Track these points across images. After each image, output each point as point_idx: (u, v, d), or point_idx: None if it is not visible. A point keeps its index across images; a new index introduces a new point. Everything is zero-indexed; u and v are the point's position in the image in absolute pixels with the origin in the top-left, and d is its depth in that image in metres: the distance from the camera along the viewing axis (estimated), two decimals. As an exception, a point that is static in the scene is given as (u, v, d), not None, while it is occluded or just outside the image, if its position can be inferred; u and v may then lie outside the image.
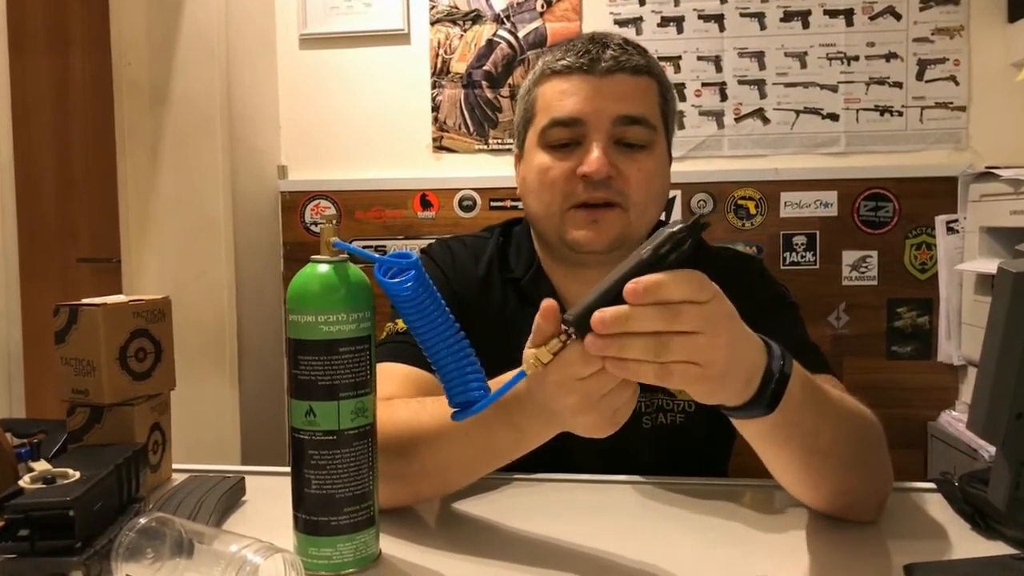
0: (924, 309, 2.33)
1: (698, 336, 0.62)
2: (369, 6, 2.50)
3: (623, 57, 0.98)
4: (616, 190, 0.97)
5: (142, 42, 2.18)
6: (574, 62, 0.99)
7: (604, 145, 0.96)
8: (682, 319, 0.62)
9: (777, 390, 0.68)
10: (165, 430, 0.99)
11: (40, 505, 0.70)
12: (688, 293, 0.62)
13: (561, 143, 0.99)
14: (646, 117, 0.98)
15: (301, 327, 0.70)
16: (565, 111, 0.98)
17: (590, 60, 0.98)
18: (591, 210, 0.98)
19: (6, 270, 2.07)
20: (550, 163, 1.00)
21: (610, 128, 0.97)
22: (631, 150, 0.98)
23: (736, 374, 0.66)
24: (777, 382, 0.68)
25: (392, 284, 0.68)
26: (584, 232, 0.98)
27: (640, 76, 1.00)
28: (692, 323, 0.62)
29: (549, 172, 1.00)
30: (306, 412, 0.70)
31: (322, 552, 0.71)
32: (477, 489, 0.92)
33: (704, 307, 0.62)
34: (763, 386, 0.68)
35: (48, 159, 2.81)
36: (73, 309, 0.91)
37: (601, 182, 0.96)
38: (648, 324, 0.61)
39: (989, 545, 0.78)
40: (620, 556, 0.77)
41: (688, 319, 0.62)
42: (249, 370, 2.31)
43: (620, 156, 0.98)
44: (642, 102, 0.99)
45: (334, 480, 0.71)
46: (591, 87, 0.98)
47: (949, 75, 2.30)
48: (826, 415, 0.76)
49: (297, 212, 2.58)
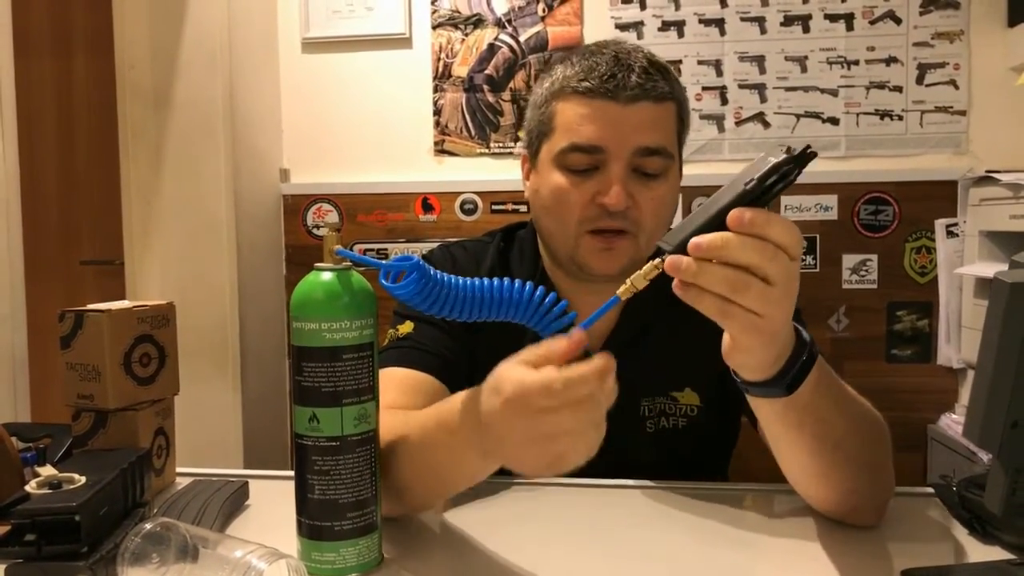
0: (924, 312, 2.34)
1: (774, 288, 0.63)
2: (371, 10, 2.51)
3: (648, 84, 0.97)
4: (631, 220, 0.98)
5: (145, 46, 2.19)
6: (598, 86, 0.97)
7: (624, 176, 0.97)
8: (776, 263, 0.62)
9: (800, 373, 0.70)
10: (169, 434, 1.00)
11: (46, 510, 0.71)
12: (788, 241, 0.63)
13: (580, 168, 0.99)
14: (665, 147, 0.99)
15: (305, 334, 0.71)
16: (585, 137, 0.97)
17: (615, 86, 0.96)
18: (606, 238, 0.99)
19: (11, 273, 2.07)
20: (568, 187, 0.99)
21: (630, 158, 0.97)
22: (647, 179, 0.99)
23: (781, 340, 0.68)
24: (803, 364, 0.70)
25: (397, 288, 0.70)
26: (599, 259, 1.00)
27: (663, 103, 0.99)
28: (779, 272, 0.63)
29: (567, 195, 0.99)
30: (309, 418, 0.71)
31: (325, 557, 0.72)
32: (478, 494, 0.92)
33: (793, 263, 0.64)
34: (788, 365, 0.70)
35: (51, 162, 2.82)
36: (78, 315, 0.92)
37: (618, 212, 0.97)
38: (744, 256, 0.62)
39: (987, 550, 0.79)
40: (621, 560, 0.78)
41: (779, 266, 0.62)
42: (251, 373, 2.31)
43: (637, 185, 0.98)
44: (663, 131, 0.99)
45: (337, 485, 0.71)
46: (614, 114, 0.97)
47: (949, 79, 2.31)
48: (841, 408, 0.77)
49: (299, 215, 2.59)
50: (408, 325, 1.04)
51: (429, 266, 0.71)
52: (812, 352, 0.71)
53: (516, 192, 2.42)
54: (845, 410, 0.78)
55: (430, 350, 1.01)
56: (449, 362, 1.01)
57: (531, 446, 0.62)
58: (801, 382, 0.70)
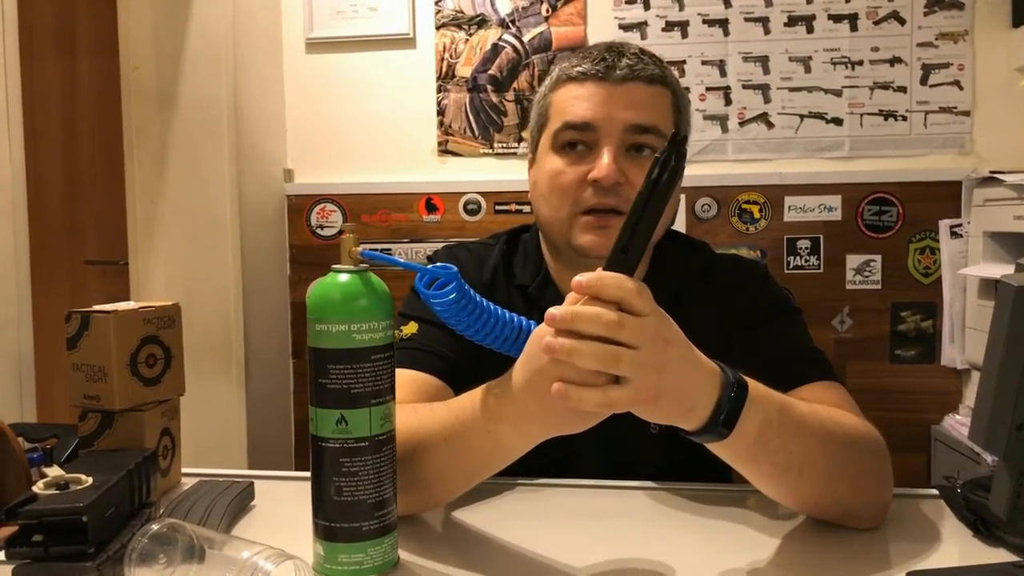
0: (928, 313, 2.34)
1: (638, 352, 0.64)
2: (375, 11, 2.51)
3: (638, 66, 0.99)
4: (624, 197, 0.97)
5: (150, 46, 2.19)
6: (589, 69, 0.99)
7: (615, 151, 0.97)
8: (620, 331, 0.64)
9: (728, 419, 0.69)
10: (174, 435, 1.00)
11: (54, 511, 0.71)
12: (621, 296, 0.64)
13: (571, 143, 1.00)
14: (658, 126, 0.99)
15: (331, 336, 0.71)
16: (578, 115, 0.99)
17: (605, 67, 0.99)
18: (599, 216, 0.98)
19: (18, 274, 2.08)
20: (561, 167, 1.00)
21: (621, 135, 0.98)
22: (642, 157, 0.99)
23: (672, 399, 0.68)
24: (729, 412, 0.69)
25: (437, 297, 0.72)
26: (591, 237, 0.99)
27: (654, 85, 1.00)
28: (630, 334, 0.64)
29: (560, 176, 1.00)
30: (337, 420, 0.71)
31: (353, 559, 0.72)
32: (483, 494, 0.93)
33: (641, 320, 0.64)
34: (715, 412, 0.69)
35: (56, 162, 2.83)
36: (85, 316, 0.92)
37: (610, 189, 0.97)
38: (591, 326, 0.64)
39: (991, 552, 0.79)
40: (626, 561, 0.78)
41: (626, 333, 0.64)
42: (255, 373, 2.32)
43: (630, 163, 0.98)
44: (655, 111, 1.00)
45: (365, 486, 0.71)
46: (605, 93, 0.98)
47: (953, 80, 2.30)
48: (795, 434, 0.76)
49: (303, 215, 2.59)
50: (412, 326, 1.04)
51: (465, 282, 0.72)
52: (736, 394, 0.70)
53: (520, 192, 2.43)
54: (802, 435, 0.76)
55: (435, 352, 1.01)
56: (454, 364, 1.01)
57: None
58: (732, 426, 0.69)
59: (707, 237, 1.08)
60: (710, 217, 2.39)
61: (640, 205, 0.66)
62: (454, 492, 0.86)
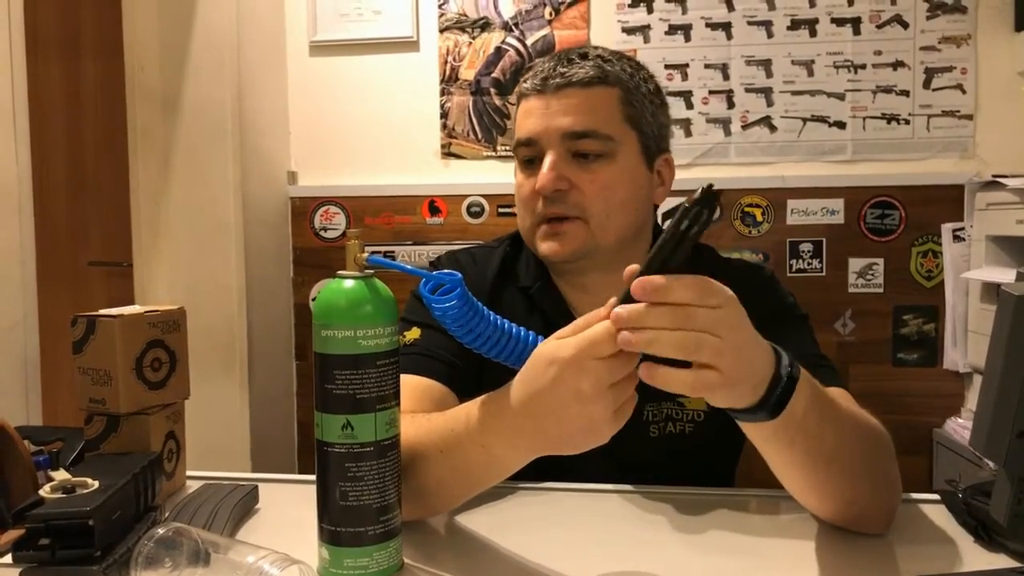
0: (930, 316, 2.34)
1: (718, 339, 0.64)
2: (379, 14, 2.52)
3: (570, 72, 1.01)
4: (572, 203, 1.01)
5: (154, 49, 2.20)
6: (532, 84, 1.04)
7: (554, 161, 1.01)
8: (694, 321, 0.63)
9: (783, 396, 0.70)
10: (179, 438, 1.01)
11: (60, 515, 0.72)
12: (691, 297, 0.64)
13: (528, 159, 1.05)
14: (595, 130, 1.01)
15: (338, 342, 0.71)
16: (524, 132, 1.04)
17: (542, 80, 1.03)
18: (552, 224, 1.03)
19: (24, 277, 2.09)
20: (521, 181, 1.07)
21: (560, 144, 1.01)
22: (586, 162, 1.01)
23: (745, 381, 0.68)
24: (783, 388, 0.69)
25: (436, 300, 0.72)
26: (548, 244, 1.04)
27: (592, 87, 1.02)
28: (704, 325, 0.63)
29: (520, 190, 1.07)
30: (343, 426, 0.71)
31: (359, 563, 0.72)
32: (486, 498, 0.93)
33: (714, 312, 0.64)
34: (769, 391, 0.69)
35: (60, 163, 2.84)
36: (91, 320, 0.93)
37: (556, 197, 1.01)
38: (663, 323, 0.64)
39: (992, 558, 0.79)
40: (627, 565, 0.78)
41: (700, 321, 0.63)
42: (259, 375, 2.33)
43: (575, 169, 1.01)
44: (592, 115, 1.01)
45: (372, 491, 0.72)
46: (543, 105, 1.03)
47: (956, 83, 2.30)
48: (832, 422, 0.77)
49: (307, 218, 2.60)
50: (415, 331, 1.05)
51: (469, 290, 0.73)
52: (792, 374, 0.70)
53: (522, 195, 2.43)
54: (836, 424, 0.77)
55: (438, 357, 1.02)
56: (457, 368, 1.02)
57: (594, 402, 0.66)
58: (786, 404, 0.70)
59: (710, 240, 1.08)
60: (713, 220, 2.39)
61: (669, 248, 0.65)
62: (455, 501, 0.87)
